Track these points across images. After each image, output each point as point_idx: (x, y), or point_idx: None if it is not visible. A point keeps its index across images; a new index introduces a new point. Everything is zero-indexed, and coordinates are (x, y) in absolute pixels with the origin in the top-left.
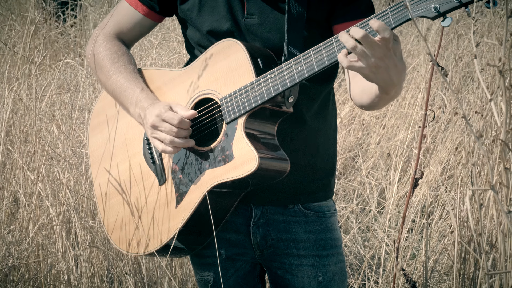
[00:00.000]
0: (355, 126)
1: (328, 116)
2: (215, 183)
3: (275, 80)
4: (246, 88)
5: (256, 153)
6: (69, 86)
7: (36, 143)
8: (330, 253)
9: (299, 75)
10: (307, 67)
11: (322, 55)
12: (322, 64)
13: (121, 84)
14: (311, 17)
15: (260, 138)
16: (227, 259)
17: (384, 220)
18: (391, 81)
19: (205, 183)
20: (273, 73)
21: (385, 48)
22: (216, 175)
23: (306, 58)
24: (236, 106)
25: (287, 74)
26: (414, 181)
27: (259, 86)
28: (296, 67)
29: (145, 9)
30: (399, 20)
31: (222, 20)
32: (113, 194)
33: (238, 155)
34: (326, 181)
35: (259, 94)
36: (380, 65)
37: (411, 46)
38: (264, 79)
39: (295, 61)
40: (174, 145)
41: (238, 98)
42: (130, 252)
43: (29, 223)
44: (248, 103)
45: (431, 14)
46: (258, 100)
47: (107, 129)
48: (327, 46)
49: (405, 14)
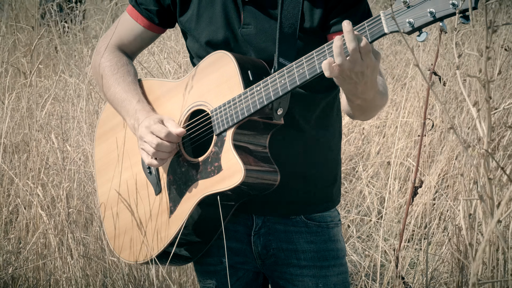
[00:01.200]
0: (355, 135)
1: (330, 125)
2: (204, 194)
3: (261, 93)
4: (234, 100)
5: (242, 165)
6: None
7: (33, 154)
8: (331, 264)
9: (282, 88)
10: (289, 81)
11: (304, 68)
12: (303, 78)
13: (119, 95)
14: (305, 27)
15: (249, 150)
16: (230, 268)
17: (384, 229)
18: (356, 92)
19: (196, 194)
20: (259, 86)
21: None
22: (206, 186)
23: (289, 71)
24: (224, 118)
25: (272, 87)
26: (414, 189)
27: (246, 99)
28: (279, 80)
29: (145, 21)
30: (375, 35)
31: (219, 31)
32: (114, 203)
33: (226, 167)
34: (327, 191)
35: (246, 107)
36: (352, 76)
37: (410, 55)
38: (250, 92)
39: (279, 74)
40: (158, 157)
41: (226, 110)
42: (128, 260)
43: (28, 232)
44: (236, 116)
45: (406, 28)
46: (245, 112)
47: (110, 139)
48: (308, 59)
49: (381, 29)
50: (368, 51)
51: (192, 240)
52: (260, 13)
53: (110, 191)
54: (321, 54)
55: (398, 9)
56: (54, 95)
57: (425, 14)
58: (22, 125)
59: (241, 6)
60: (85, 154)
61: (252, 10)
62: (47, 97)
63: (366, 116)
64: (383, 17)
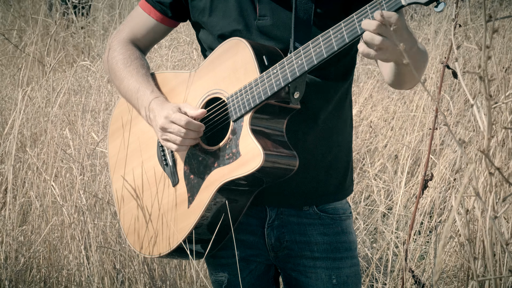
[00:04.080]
0: (363, 128)
1: (344, 114)
2: (224, 181)
3: (277, 75)
4: (251, 85)
5: (262, 149)
6: (80, 88)
7: (49, 144)
8: (344, 256)
9: (299, 68)
10: (306, 60)
11: (321, 47)
12: (320, 57)
13: (133, 87)
14: (322, 11)
15: (267, 134)
16: (242, 260)
17: (392, 222)
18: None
19: (214, 182)
20: (275, 68)
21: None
22: (224, 173)
23: (305, 51)
24: (241, 104)
25: (288, 68)
26: (424, 182)
27: (262, 83)
28: (296, 61)
29: (158, 14)
30: (393, 7)
31: (233, 23)
32: (130, 198)
33: (244, 152)
34: (341, 180)
35: (263, 90)
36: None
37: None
38: (267, 75)
39: (296, 55)
40: (184, 144)
41: (243, 96)
42: (146, 254)
43: (41, 223)
44: (253, 100)
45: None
46: (261, 96)
47: (125, 134)
48: (325, 38)
49: (398, 1)
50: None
51: (212, 229)
52: (274, 3)
53: (126, 186)
54: (338, 32)
55: None
56: (68, 87)
57: None
58: (37, 117)
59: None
60: (100, 146)
61: (268, 1)
62: (61, 89)
63: (415, 77)
64: None
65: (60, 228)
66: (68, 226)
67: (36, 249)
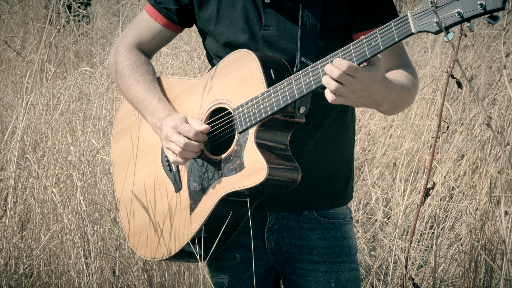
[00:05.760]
0: (361, 136)
1: (346, 122)
2: (227, 191)
3: (284, 91)
4: (258, 98)
5: (266, 163)
6: (81, 95)
7: (49, 151)
8: (343, 260)
9: (306, 87)
10: (314, 79)
11: None
12: None
13: (139, 94)
14: (327, 26)
15: (271, 148)
16: (242, 263)
17: (390, 230)
18: (377, 102)
19: (218, 191)
20: (282, 84)
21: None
22: (228, 183)
23: (313, 70)
24: (247, 116)
25: (296, 85)
26: (426, 191)
27: (269, 97)
28: (304, 79)
29: (164, 20)
30: (402, 34)
31: (239, 33)
32: (133, 200)
33: (248, 165)
34: (342, 187)
35: (269, 105)
36: (363, 95)
37: (418, 57)
38: (274, 90)
39: (303, 73)
40: (184, 157)
41: (249, 109)
42: (147, 257)
43: (41, 230)
44: (259, 114)
45: (433, 28)
46: (268, 111)
47: (128, 136)
48: (334, 58)
49: (408, 29)
50: (354, 70)
51: (212, 237)
52: (280, 15)
53: (128, 189)
54: (346, 53)
55: (425, 9)
56: (69, 94)
57: (453, 14)
58: (38, 124)
59: (262, 8)
60: (101, 153)
61: (273, 12)
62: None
63: (400, 111)
64: (410, 17)
65: (60, 235)
66: (69, 232)
67: (36, 255)
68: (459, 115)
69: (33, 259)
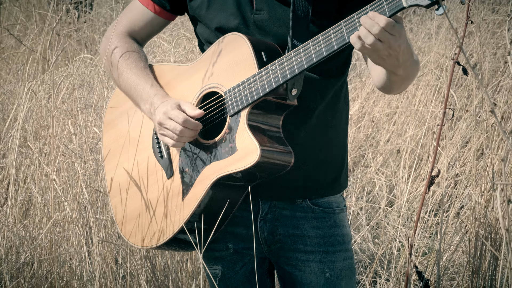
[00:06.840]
0: (365, 123)
1: (338, 110)
2: (219, 175)
3: (276, 72)
4: (249, 80)
5: (258, 145)
6: (83, 83)
7: (51, 139)
8: (337, 249)
9: (298, 66)
10: (306, 58)
11: (321, 45)
12: (320, 55)
13: (132, 80)
14: (319, 9)
15: (263, 130)
16: (235, 253)
17: (394, 217)
18: (398, 63)
19: (210, 176)
20: (274, 65)
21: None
22: (220, 167)
23: (305, 49)
24: (239, 99)
25: (287, 66)
26: (431, 179)
27: (261, 79)
28: (295, 59)
29: (157, 7)
30: (393, 9)
31: (230, 17)
32: (123, 189)
33: (241, 148)
34: (335, 175)
35: (261, 87)
36: (391, 53)
37: (422, 43)
38: (265, 71)
39: (295, 52)
40: (180, 141)
41: (241, 91)
42: (139, 245)
43: (43, 218)
44: (250, 96)
45: (424, 2)
46: (260, 92)
47: (119, 124)
48: (325, 37)
49: (399, 3)
50: (392, 26)
51: (206, 222)
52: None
53: (119, 177)
54: (338, 31)
55: None
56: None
57: None
58: (40, 111)
59: None
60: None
61: None
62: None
63: (405, 85)
64: None
65: (62, 223)
66: (70, 220)
67: (38, 244)
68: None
69: (34, 248)
